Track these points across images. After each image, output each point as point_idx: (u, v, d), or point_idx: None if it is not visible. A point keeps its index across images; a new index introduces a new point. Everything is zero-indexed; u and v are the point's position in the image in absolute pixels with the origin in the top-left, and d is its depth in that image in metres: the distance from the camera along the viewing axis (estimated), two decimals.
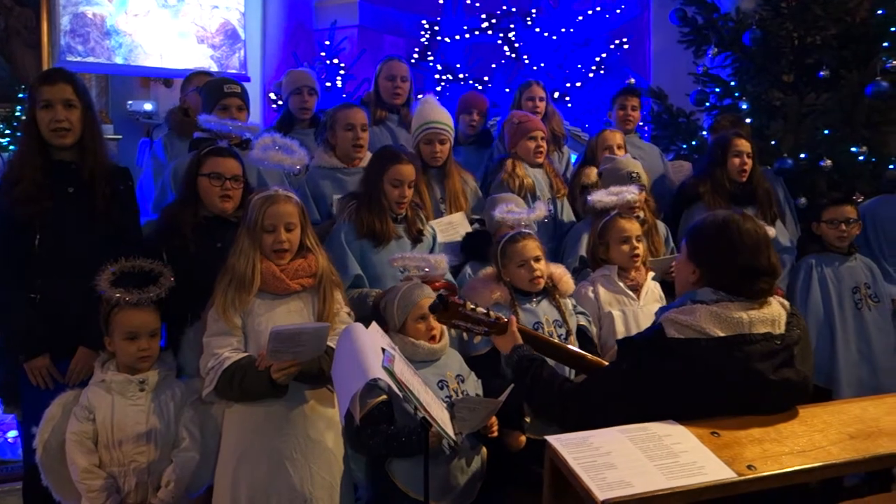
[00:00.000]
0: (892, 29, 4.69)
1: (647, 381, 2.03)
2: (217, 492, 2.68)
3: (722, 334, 2.00)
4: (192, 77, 4.30)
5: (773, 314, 2.07)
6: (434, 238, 3.47)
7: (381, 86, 4.24)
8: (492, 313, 2.45)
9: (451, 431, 2.23)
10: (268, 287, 2.68)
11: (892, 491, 3.57)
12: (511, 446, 2.86)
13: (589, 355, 2.57)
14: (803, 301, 3.80)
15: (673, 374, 2.00)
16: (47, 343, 2.84)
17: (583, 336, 3.19)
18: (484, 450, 2.83)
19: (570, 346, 2.76)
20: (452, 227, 3.69)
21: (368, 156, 3.61)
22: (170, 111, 4.26)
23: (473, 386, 2.91)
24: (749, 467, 1.81)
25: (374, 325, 2.45)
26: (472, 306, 2.42)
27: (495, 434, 2.72)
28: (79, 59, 6.67)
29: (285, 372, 2.50)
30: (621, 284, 3.37)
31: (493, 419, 2.65)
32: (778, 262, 2.14)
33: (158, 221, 3.11)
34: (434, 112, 3.84)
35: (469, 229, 3.71)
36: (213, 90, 3.59)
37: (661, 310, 2.17)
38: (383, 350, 2.22)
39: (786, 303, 2.17)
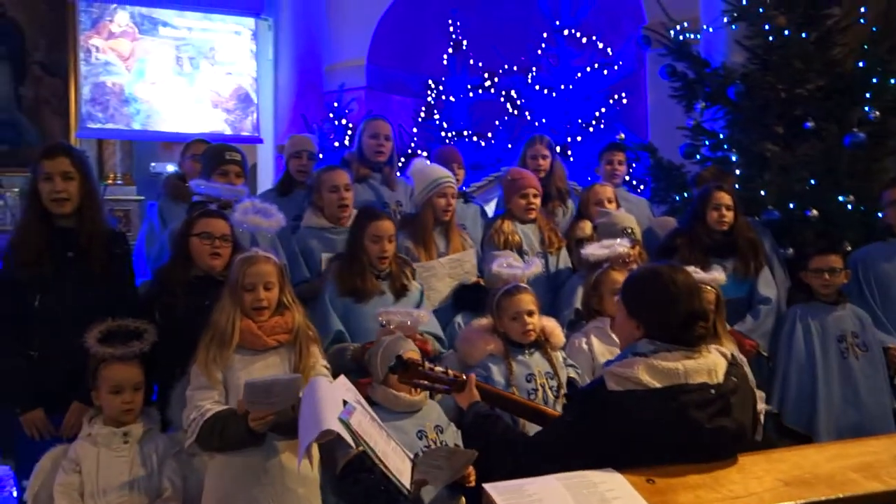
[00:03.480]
0: (874, 80, 4.81)
1: (589, 433, 2.12)
2: None
3: (658, 385, 2.08)
4: (190, 145, 4.54)
5: (709, 364, 2.15)
6: (421, 293, 3.60)
7: (365, 143, 4.36)
8: (450, 371, 2.56)
9: (406, 482, 2.33)
10: (246, 343, 2.80)
11: None
12: None
13: (549, 409, 2.66)
14: (787, 349, 3.86)
15: (613, 425, 2.08)
16: (43, 397, 3.00)
17: (572, 388, 3.26)
18: (463, 499, 2.90)
19: (530, 401, 2.85)
20: (460, 263, 3.86)
21: (354, 213, 3.78)
22: (167, 177, 4.51)
23: (452, 436, 3.00)
24: None
25: (341, 378, 2.57)
26: (431, 366, 2.54)
27: (472, 484, 2.79)
28: (99, 125, 7.01)
29: (262, 421, 2.59)
30: (614, 336, 3.45)
31: (470, 469, 2.73)
32: (712, 308, 2.24)
33: (152, 282, 3.30)
34: (438, 169, 4.06)
35: (475, 267, 3.87)
36: (214, 156, 3.80)
37: (607, 363, 2.27)
38: (345, 403, 2.34)
39: (727, 352, 2.25)
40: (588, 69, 7.06)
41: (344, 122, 7.02)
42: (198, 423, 2.67)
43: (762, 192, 4.81)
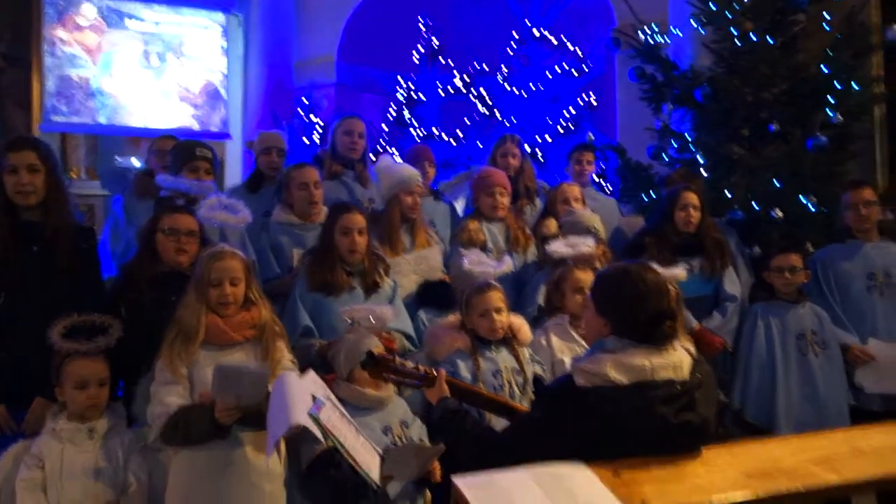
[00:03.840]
0: (837, 85, 4.90)
1: (557, 428, 2.14)
2: None
3: (626, 381, 2.11)
4: (157, 140, 4.51)
5: (675, 361, 2.18)
6: (394, 290, 3.60)
7: (339, 141, 4.37)
8: (421, 367, 2.58)
9: (375, 476, 2.34)
10: (212, 338, 2.80)
11: None
12: None
13: (517, 405, 2.69)
14: (748, 346, 3.95)
15: (580, 420, 2.10)
16: (4, 393, 2.95)
17: (538, 384, 3.31)
18: (428, 493, 2.92)
19: (499, 397, 2.87)
20: (426, 260, 3.88)
21: (324, 210, 3.78)
22: (135, 173, 4.46)
23: (418, 431, 3.03)
24: None
25: (310, 373, 2.57)
26: (402, 361, 2.55)
27: (438, 479, 2.81)
28: (63, 119, 6.90)
29: (228, 413, 2.58)
30: (573, 333, 3.50)
31: (435, 464, 2.75)
32: (676, 306, 2.27)
33: (117, 277, 3.27)
34: (405, 167, 4.09)
35: (440, 263, 3.89)
36: (184, 152, 3.77)
37: (576, 359, 2.30)
38: (314, 398, 2.34)
39: (692, 349, 2.30)
40: (558, 70, 7.11)
41: (313, 118, 6.99)
42: (162, 418, 2.66)
43: (728, 193, 4.89)
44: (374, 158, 4.59)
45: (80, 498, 2.68)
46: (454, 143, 7.18)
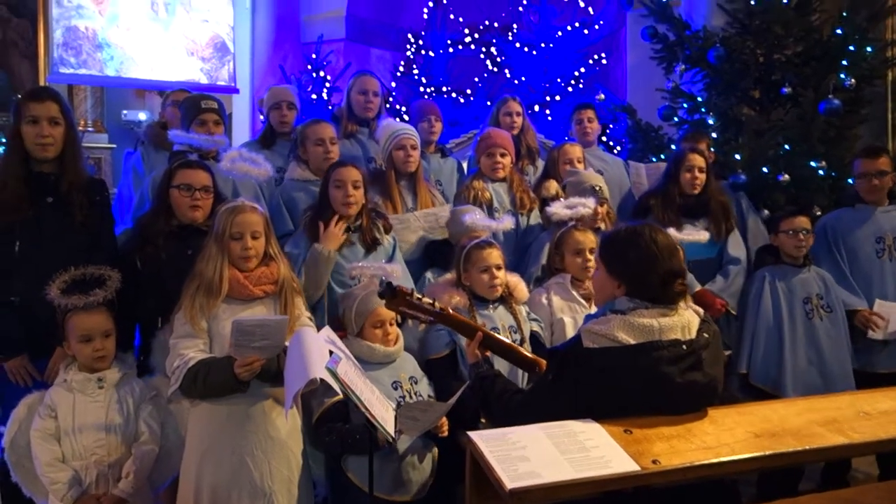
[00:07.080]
0: (851, 48, 4.87)
1: (567, 390, 2.19)
2: (182, 486, 2.81)
3: (633, 342, 2.14)
4: (170, 93, 4.52)
5: (683, 321, 2.22)
6: (394, 247, 3.61)
7: (354, 100, 4.39)
8: (436, 304, 2.63)
9: (390, 429, 2.40)
10: (233, 293, 2.82)
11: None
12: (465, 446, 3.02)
13: (539, 359, 2.74)
14: (755, 310, 3.93)
15: (588, 381, 2.15)
16: (25, 344, 3.00)
17: (535, 341, 3.36)
18: (435, 449, 3.00)
19: (525, 353, 2.90)
20: (436, 218, 3.88)
21: None
22: (148, 125, 4.48)
23: (426, 387, 3.09)
24: (654, 461, 1.97)
25: (326, 328, 2.62)
26: (419, 296, 2.61)
27: (445, 434, 2.88)
28: (71, 70, 6.86)
29: (248, 368, 2.62)
30: (574, 292, 3.53)
31: (444, 420, 2.81)
32: (683, 265, 2.32)
33: (133, 230, 3.29)
34: (395, 123, 4.11)
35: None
36: (191, 106, 3.78)
37: (588, 317, 2.33)
38: (331, 353, 2.39)
39: (700, 310, 2.33)
40: (569, 28, 7.02)
41: (322, 74, 6.93)
42: (182, 370, 2.70)
43: (735, 156, 4.88)
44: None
45: (93, 446, 2.73)
46: (462, 101, 7.13)
